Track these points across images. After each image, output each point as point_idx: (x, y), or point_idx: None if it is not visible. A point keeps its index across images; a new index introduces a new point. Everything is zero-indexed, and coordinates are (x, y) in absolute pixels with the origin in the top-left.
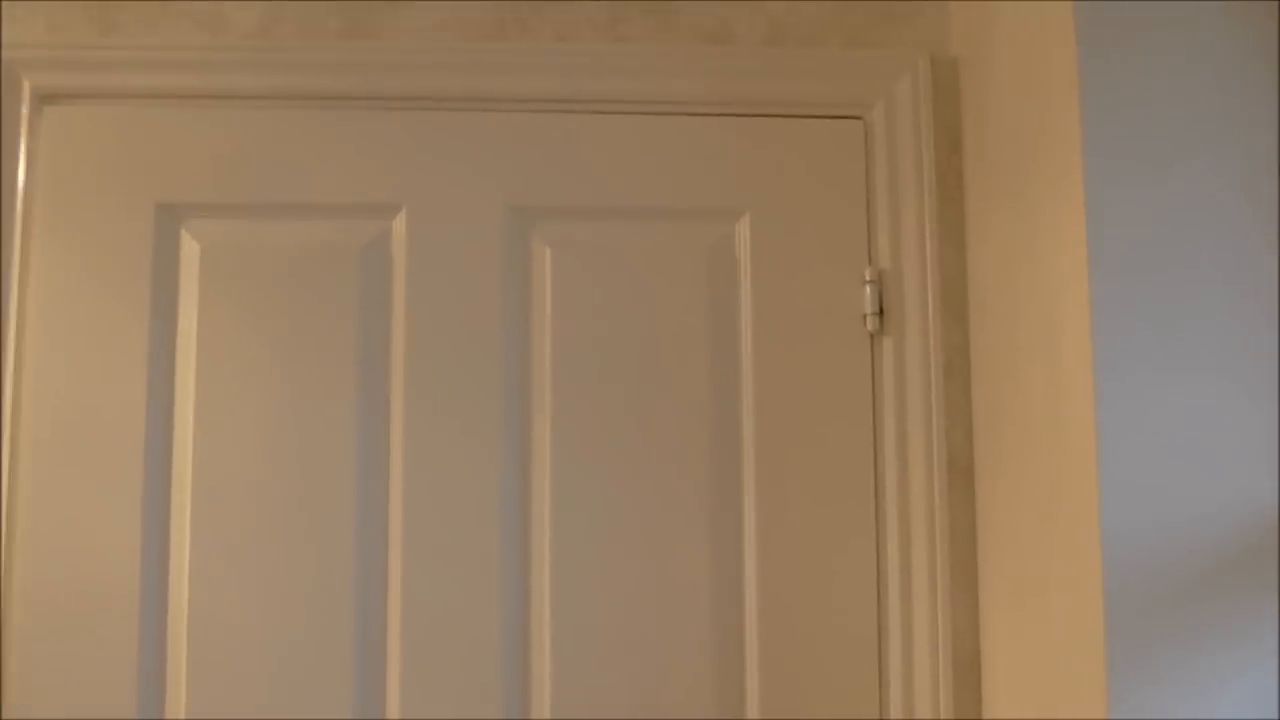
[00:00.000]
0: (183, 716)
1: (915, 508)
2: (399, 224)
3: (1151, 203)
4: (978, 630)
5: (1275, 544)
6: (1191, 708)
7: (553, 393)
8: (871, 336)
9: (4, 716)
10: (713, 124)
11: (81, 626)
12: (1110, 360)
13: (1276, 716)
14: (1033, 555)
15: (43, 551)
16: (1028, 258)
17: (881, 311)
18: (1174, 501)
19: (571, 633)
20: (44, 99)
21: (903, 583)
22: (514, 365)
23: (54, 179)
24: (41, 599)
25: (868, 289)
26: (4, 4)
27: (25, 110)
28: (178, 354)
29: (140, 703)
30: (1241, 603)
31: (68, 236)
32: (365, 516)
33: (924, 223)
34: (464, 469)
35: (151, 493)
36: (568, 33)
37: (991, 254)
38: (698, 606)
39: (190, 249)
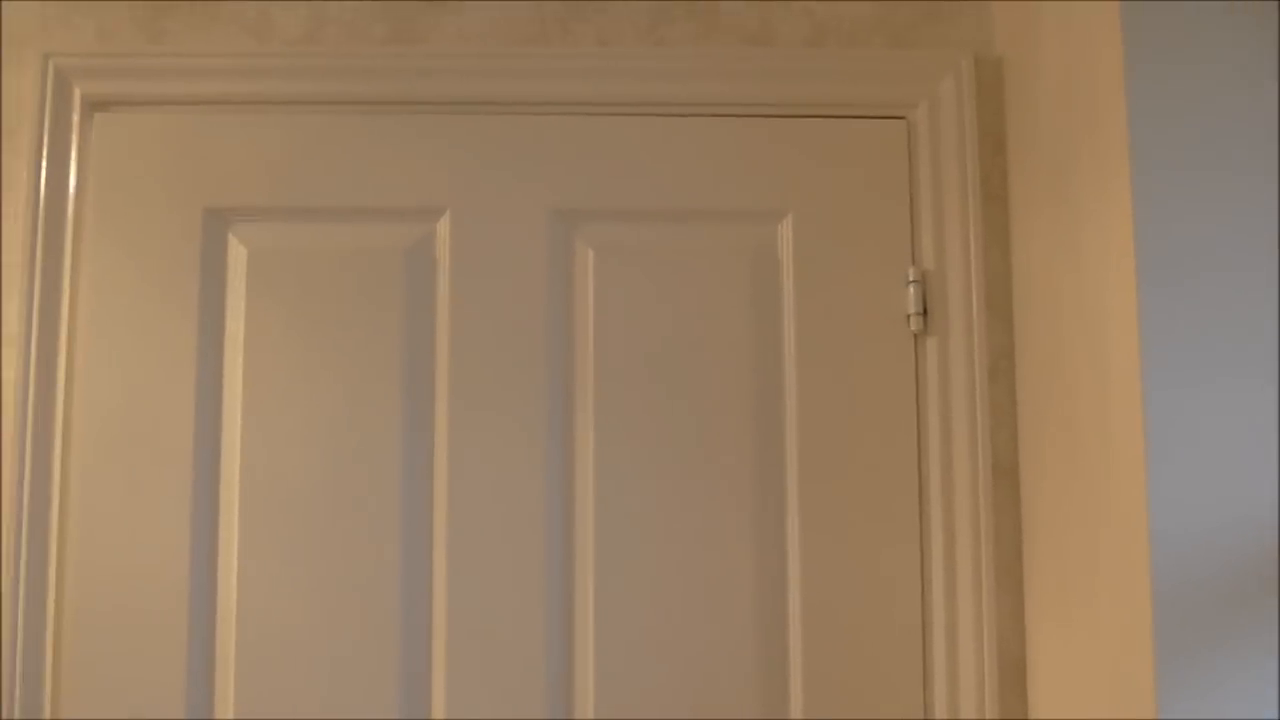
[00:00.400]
0: (230, 717)
1: (959, 510)
2: (443, 227)
3: (1199, 204)
4: (1023, 633)
5: None
6: (1242, 710)
7: (595, 394)
8: (915, 337)
9: (58, 716)
10: (755, 125)
11: (131, 626)
12: (1158, 362)
13: (1277, 716)
14: (1079, 558)
15: (93, 552)
16: (1074, 258)
17: (925, 312)
18: (1223, 505)
19: (615, 635)
20: (94, 106)
21: (947, 585)
22: (557, 367)
23: (104, 185)
24: (91, 599)
25: (911, 289)
26: (55, 12)
27: (76, 117)
28: (225, 356)
29: (189, 703)
30: None
31: (118, 241)
32: (410, 518)
33: (968, 223)
34: (507, 469)
35: (199, 494)
36: (609, 36)
37: (1036, 254)
38: (741, 608)
39: (238, 252)
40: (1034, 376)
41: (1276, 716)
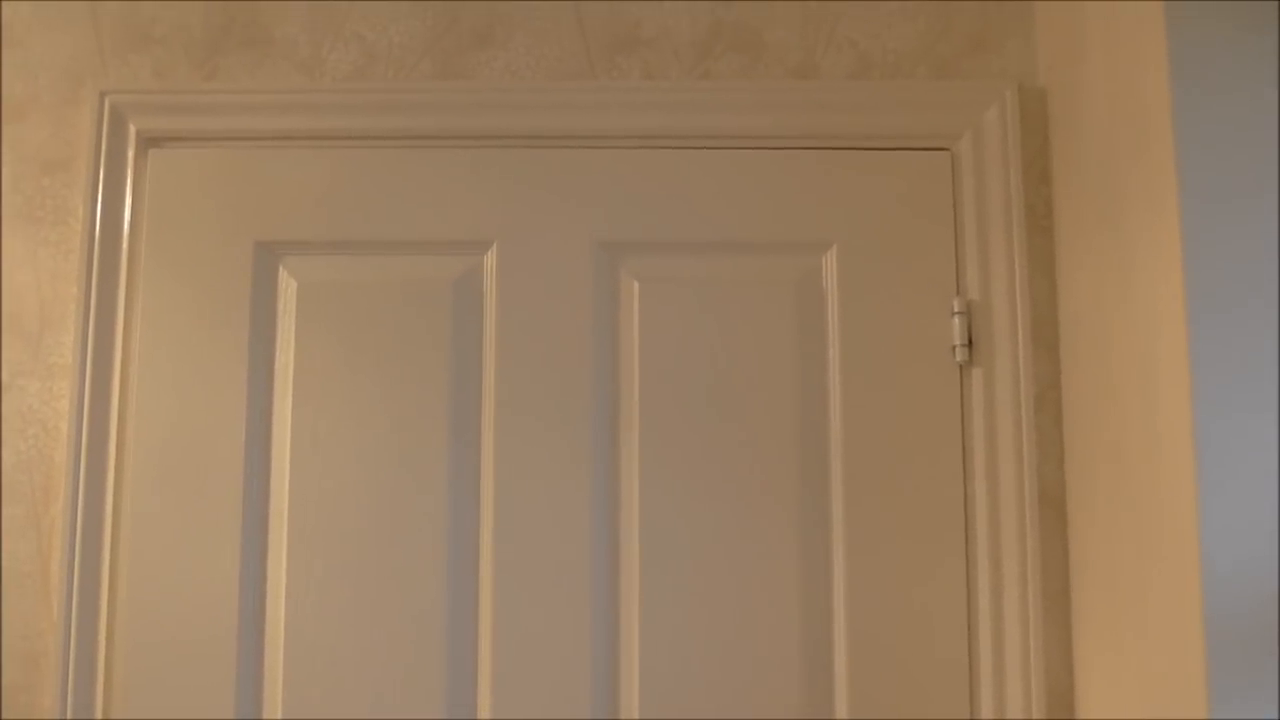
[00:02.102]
0: None
1: (1006, 541)
2: (490, 259)
3: (1250, 232)
4: (1071, 664)
5: None
6: None
7: (641, 424)
8: (960, 368)
9: None
10: (800, 158)
11: (181, 651)
12: (1209, 391)
13: (1276, 716)
14: (1129, 588)
15: (144, 579)
16: (1122, 288)
17: (970, 343)
18: (1276, 534)
19: (660, 660)
20: (149, 142)
21: (994, 617)
22: (603, 397)
23: (158, 219)
24: (142, 624)
25: (956, 320)
26: (112, 51)
27: (131, 153)
28: (275, 386)
29: None
30: None
31: (170, 274)
32: (456, 542)
33: (1013, 253)
34: (553, 497)
35: (249, 520)
36: (655, 70)
37: (1083, 284)
38: (785, 637)
39: (288, 285)
40: (1081, 406)
41: None
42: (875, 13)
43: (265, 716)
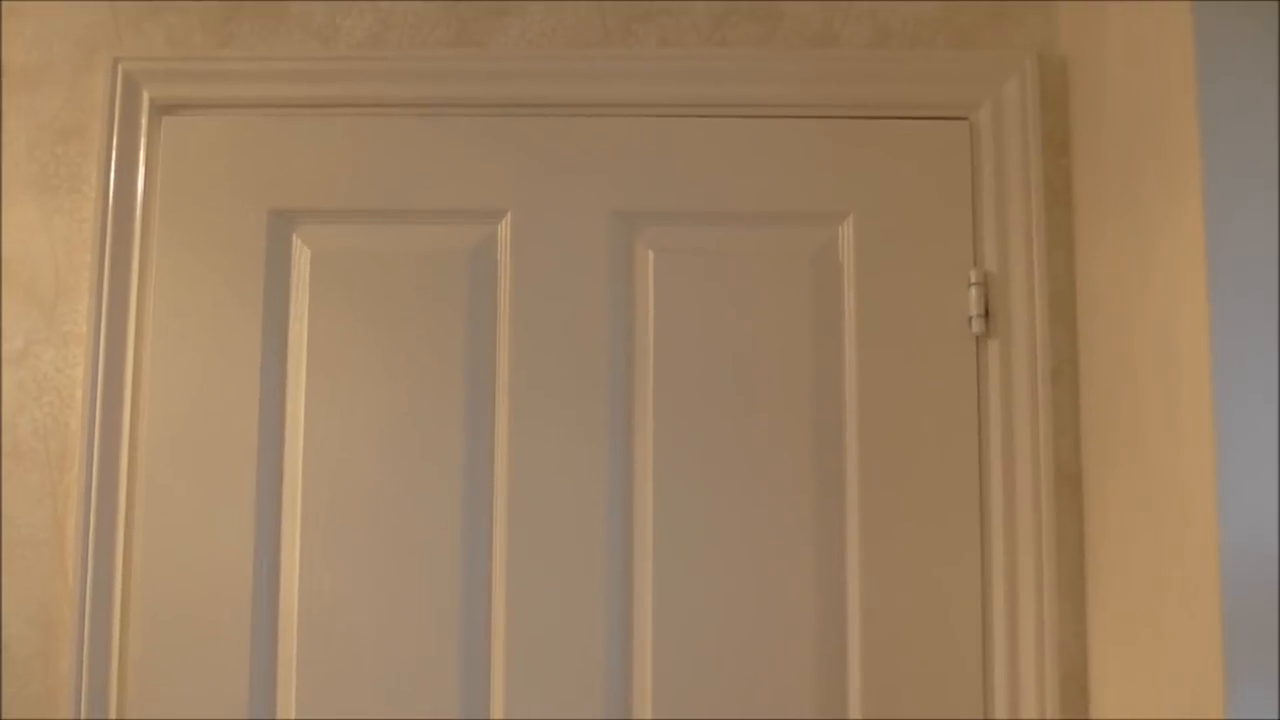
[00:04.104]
0: (293, 717)
1: (1021, 516)
2: (505, 228)
3: (1273, 209)
4: (1085, 641)
5: None
6: None
7: (655, 396)
8: (977, 340)
9: (124, 716)
10: (817, 127)
11: (195, 625)
12: (1229, 369)
13: (1276, 716)
14: (1145, 567)
15: (158, 550)
16: (1142, 263)
17: (987, 314)
18: None
19: (674, 640)
20: (162, 109)
21: (1008, 592)
22: (617, 369)
23: (171, 187)
24: (157, 597)
25: (973, 291)
26: (126, 18)
27: (144, 120)
28: (289, 356)
29: (252, 702)
30: None
31: (184, 242)
32: (470, 518)
33: (1031, 225)
34: (568, 470)
35: (263, 493)
36: (672, 39)
37: (1102, 258)
38: (799, 613)
39: (302, 254)
40: (1099, 381)
41: None
42: None
43: (279, 683)
